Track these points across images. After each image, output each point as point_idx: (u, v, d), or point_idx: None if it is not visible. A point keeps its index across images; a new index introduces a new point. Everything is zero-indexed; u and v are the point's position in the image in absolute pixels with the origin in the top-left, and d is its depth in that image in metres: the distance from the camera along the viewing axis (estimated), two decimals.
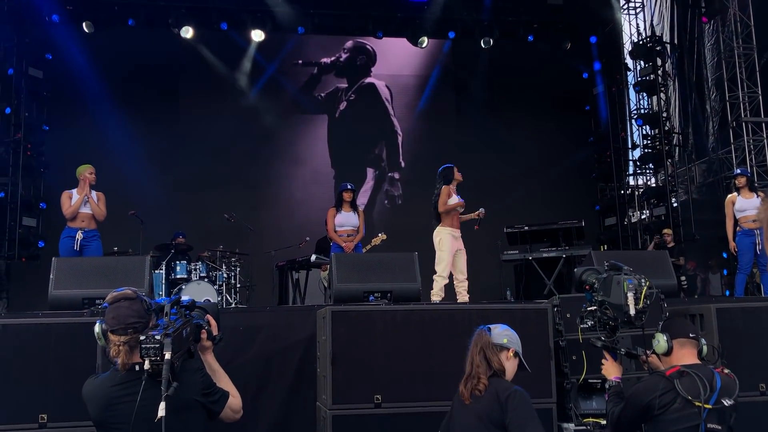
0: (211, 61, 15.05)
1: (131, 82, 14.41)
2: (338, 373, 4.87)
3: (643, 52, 15.72)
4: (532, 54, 15.90)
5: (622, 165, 16.56)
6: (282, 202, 15.37)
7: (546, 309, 5.24)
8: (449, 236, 8.33)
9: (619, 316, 3.70)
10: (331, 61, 16.06)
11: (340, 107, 16.06)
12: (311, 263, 10.08)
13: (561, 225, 11.37)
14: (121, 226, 10.82)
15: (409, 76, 16.34)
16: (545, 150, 15.94)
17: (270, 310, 6.92)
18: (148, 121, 14.39)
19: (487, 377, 3.66)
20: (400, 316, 5.06)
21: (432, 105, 16.29)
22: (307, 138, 15.81)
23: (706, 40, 15.80)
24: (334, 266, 6.42)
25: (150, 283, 6.04)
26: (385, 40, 15.66)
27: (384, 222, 14.78)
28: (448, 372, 4.09)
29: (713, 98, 15.65)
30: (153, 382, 2.77)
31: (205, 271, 10.60)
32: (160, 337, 2.75)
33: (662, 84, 15.61)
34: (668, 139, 15.55)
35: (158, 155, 14.42)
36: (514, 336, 3.84)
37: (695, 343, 3.82)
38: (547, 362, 5.09)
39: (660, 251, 8.48)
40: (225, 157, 14.88)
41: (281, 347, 6.02)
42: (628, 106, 16.87)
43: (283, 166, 15.49)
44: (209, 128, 14.88)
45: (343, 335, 4.93)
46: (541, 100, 15.95)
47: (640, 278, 3.65)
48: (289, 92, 15.81)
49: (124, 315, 2.94)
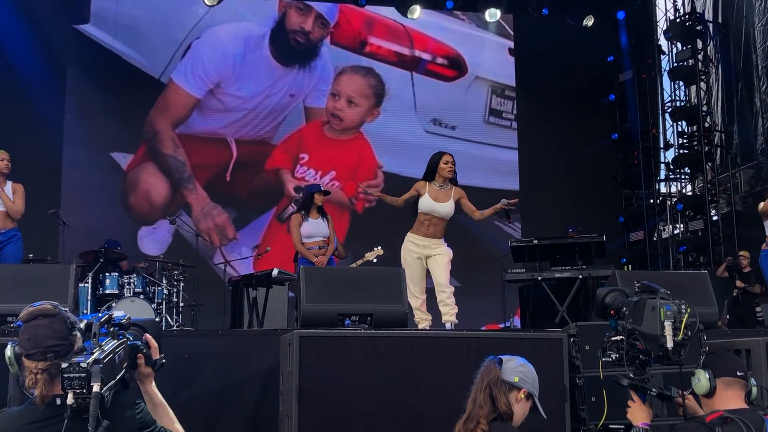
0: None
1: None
2: (306, 413, 4.86)
3: (681, 31, 15.86)
4: (546, 31, 16.00)
5: (652, 168, 16.70)
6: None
7: (561, 339, 5.28)
8: (408, 245, 8.25)
9: (652, 349, 3.69)
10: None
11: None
12: (273, 278, 10.05)
13: (577, 239, 11.41)
14: (38, 227, 10.75)
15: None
16: (559, 148, 16.03)
17: (222, 334, 6.92)
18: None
19: (488, 421, 3.65)
20: (383, 345, 5.07)
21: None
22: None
23: (756, 19, 15.94)
24: (303, 282, 6.41)
25: (75, 297, 6.01)
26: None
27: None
28: (441, 412, 4.10)
29: (764, 90, 15.78)
30: (78, 419, 2.71)
31: (142, 285, 10.54)
32: (86, 364, 2.69)
33: (703, 71, 15.76)
34: (708, 138, 15.68)
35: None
36: (531, 373, 3.81)
37: (743, 383, 3.83)
38: (561, 404, 5.12)
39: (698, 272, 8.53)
40: None
41: (236, 380, 6.01)
42: (661, 97, 17.02)
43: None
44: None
45: (313, 366, 4.94)
46: (554, 87, 16.04)
47: (680, 304, 3.65)
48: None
49: (42, 336, 2.86)
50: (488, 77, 16.52)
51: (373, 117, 16.04)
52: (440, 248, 8.27)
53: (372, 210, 15.39)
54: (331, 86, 15.88)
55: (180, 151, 15.01)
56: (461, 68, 16.48)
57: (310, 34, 15.85)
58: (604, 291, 4.06)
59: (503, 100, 16.56)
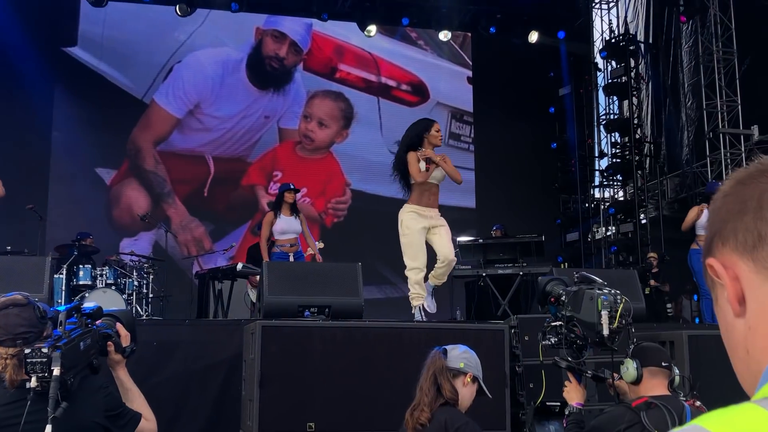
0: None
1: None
2: (266, 397, 4.84)
3: (615, 51, 16.05)
4: (492, 47, 16.14)
5: (588, 175, 16.90)
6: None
7: (503, 330, 5.32)
8: (412, 215, 7.32)
9: (589, 336, 3.73)
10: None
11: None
12: (237, 272, 9.99)
13: (519, 239, 11.50)
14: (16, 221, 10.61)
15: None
16: (502, 155, 16.16)
17: (189, 323, 6.87)
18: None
19: (431, 409, 3.66)
20: (341, 335, 5.08)
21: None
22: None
23: (683, 41, 16.21)
24: (265, 276, 6.38)
25: (50, 288, 5.93)
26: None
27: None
28: (394, 398, 4.11)
29: (689, 106, 16.04)
30: (42, 401, 2.70)
31: (113, 277, 10.43)
32: (47, 349, 2.68)
33: (634, 87, 15.96)
34: (639, 148, 15.89)
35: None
36: (474, 358, 3.85)
37: (667, 373, 3.89)
38: (502, 390, 5.16)
39: (627, 270, 8.65)
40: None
41: (202, 366, 5.96)
42: (597, 111, 17.23)
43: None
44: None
45: (274, 354, 4.92)
46: (499, 99, 16.19)
47: (616, 294, 3.69)
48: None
49: (12, 324, 2.87)
50: (448, 103, 16.68)
51: (343, 138, 16.13)
52: (441, 219, 7.52)
53: (340, 224, 15.52)
54: (303, 109, 15.94)
55: (161, 168, 14.95)
56: (424, 94, 16.65)
57: (284, 60, 15.87)
58: (546, 279, 4.09)
59: (462, 125, 16.71)
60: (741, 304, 0.99)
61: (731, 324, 1.02)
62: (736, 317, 1.00)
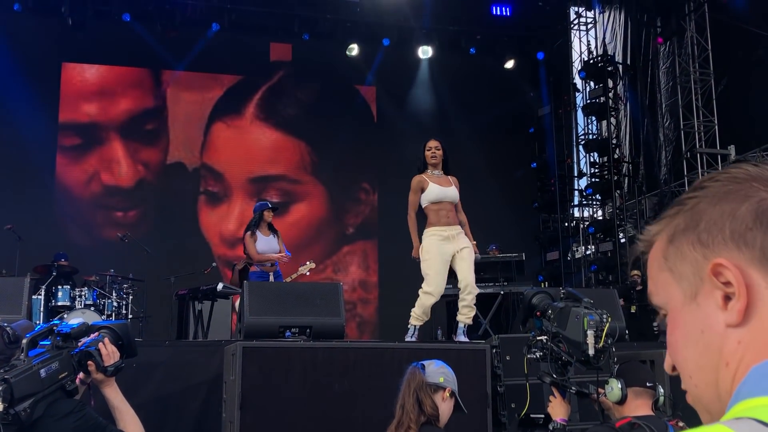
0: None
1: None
2: (247, 419, 4.79)
3: (594, 72, 16.16)
4: (473, 68, 16.21)
5: (567, 195, 16.96)
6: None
7: (484, 350, 5.30)
8: (433, 239, 7.10)
9: (574, 354, 3.70)
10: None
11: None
12: (218, 293, 9.89)
13: (500, 258, 11.50)
14: None
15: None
16: (483, 174, 16.16)
17: (169, 344, 6.78)
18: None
19: (417, 426, 3.63)
20: (322, 355, 5.03)
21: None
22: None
23: (661, 62, 16.37)
24: (246, 296, 6.32)
25: (28, 309, 5.84)
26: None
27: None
28: (376, 419, 4.07)
29: (667, 126, 16.17)
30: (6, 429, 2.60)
31: (93, 298, 10.31)
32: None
33: (613, 108, 16.07)
34: (617, 168, 15.97)
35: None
36: (451, 373, 3.83)
37: (651, 393, 3.88)
38: (483, 410, 5.12)
39: (608, 290, 8.66)
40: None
41: (181, 387, 5.89)
42: (576, 131, 17.30)
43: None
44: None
45: (255, 375, 4.87)
46: (480, 118, 16.22)
47: (602, 314, 3.67)
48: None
49: None
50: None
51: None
52: (465, 239, 7.30)
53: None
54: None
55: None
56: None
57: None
58: (533, 292, 4.06)
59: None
60: (743, 315, 0.91)
61: (716, 333, 0.92)
62: (727, 327, 0.91)
